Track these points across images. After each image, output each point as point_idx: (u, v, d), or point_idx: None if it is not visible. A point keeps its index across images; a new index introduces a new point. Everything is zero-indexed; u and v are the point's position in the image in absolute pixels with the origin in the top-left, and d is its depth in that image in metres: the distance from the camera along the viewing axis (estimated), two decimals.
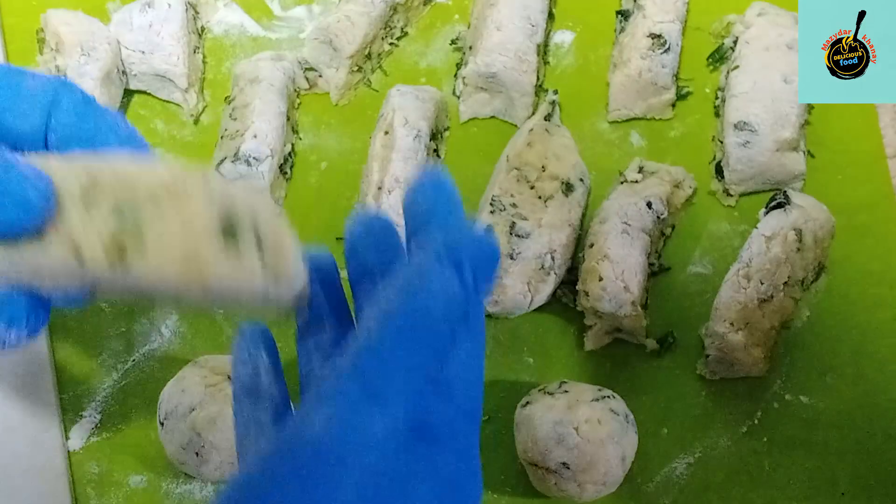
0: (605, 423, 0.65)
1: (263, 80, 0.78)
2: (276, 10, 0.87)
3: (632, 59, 0.79)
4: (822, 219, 0.73)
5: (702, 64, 0.83)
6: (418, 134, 0.75)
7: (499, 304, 0.72)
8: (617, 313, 0.70)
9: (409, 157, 0.74)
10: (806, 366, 0.73)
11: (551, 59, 0.84)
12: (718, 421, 0.72)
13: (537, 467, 0.65)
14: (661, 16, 0.79)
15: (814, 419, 0.72)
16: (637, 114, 0.81)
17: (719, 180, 0.78)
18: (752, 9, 0.80)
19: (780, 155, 0.75)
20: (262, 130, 0.75)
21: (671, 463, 0.71)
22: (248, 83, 0.78)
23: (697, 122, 0.81)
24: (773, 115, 0.74)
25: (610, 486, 0.66)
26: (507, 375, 0.74)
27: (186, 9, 0.81)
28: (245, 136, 0.75)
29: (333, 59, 0.81)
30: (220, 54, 0.86)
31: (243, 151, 0.74)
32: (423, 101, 0.77)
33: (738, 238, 0.77)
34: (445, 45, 0.86)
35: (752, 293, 0.69)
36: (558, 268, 0.73)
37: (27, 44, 0.83)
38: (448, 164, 0.81)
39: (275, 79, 0.78)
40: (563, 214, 0.73)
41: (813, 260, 0.73)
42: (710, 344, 0.71)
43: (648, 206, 0.73)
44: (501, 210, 0.73)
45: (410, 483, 0.35)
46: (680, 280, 0.76)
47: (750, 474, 0.70)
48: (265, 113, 0.76)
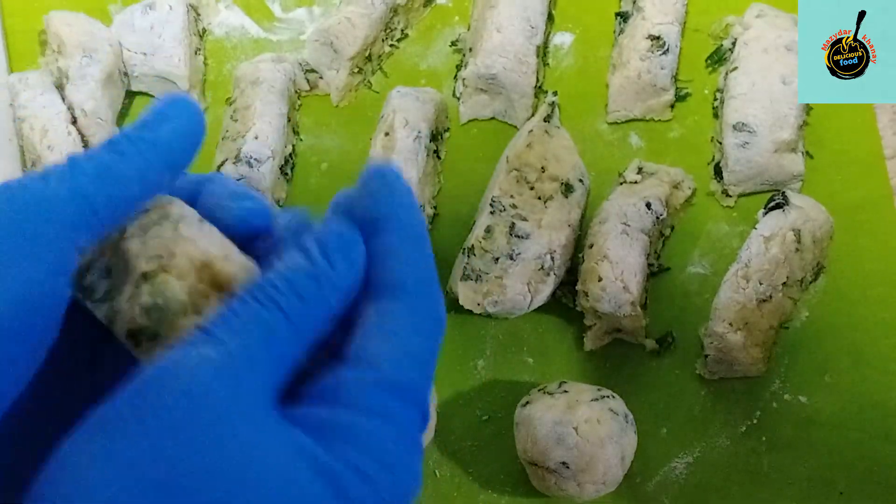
0: (604, 422, 0.65)
1: (264, 81, 0.78)
2: (276, 11, 0.88)
3: (631, 61, 0.79)
4: (820, 219, 0.73)
5: (701, 65, 0.83)
6: (418, 135, 0.75)
7: (499, 305, 0.73)
8: (616, 313, 0.70)
9: (409, 158, 0.74)
10: (805, 366, 0.73)
11: (551, 61, 0.85)
12: (717, 421, 0.72)
13: (537, 467, 0.66)
14: (660, 17, 0.79)
15: (812, 419, 0.72)
16: (636, 115, 0.81)
17: (718, 181, 0.78)
18: (750, 10, 0.80)
19: (778, 156, 0.75)
20: (263, 132, 0.75)
21: (670, 462, 0.71)
22: (248, 85, 0.78)
23: (696, 124, 0.82)
24: (772, 117, 0.75)
25: (609, 486, 0.66)
26: (507, 375, 0.74)
27: (188, 11, 0.81)
28: (246, 137, 0.75)
29: (334, 61, 0.81)
30: (221, 56, 0.86)
31: (244, 153, 0.74)
32: (424, 102, 0.77)
33: (736, 238, 0.77)
34: (445, 47, 0.86)
35: (751, 293, 0.70)
36: (558, 268, 0.73)
37: (29, 45, 0.84)
38: (448, 165, 0.81)
39: (276, 80, 0.78)
40: (563, 215, 0.74)
41: (811, 260, 0.73)
42: (709, 344, 0.71)
43: (648, 207, 0.73)
44: (501, 211, 0.73)
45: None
46: (679, 280, 0.76)
47: (749, 474, 0.71)
48: (266, 114, 0.76)
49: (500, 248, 0.72)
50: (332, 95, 0.83)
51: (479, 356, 0.75)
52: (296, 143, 0.81)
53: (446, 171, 0.81)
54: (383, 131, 0.76)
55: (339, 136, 0.82)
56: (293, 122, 0.81)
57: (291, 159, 0.80)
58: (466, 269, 0.73)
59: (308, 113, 0.83)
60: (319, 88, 0.84)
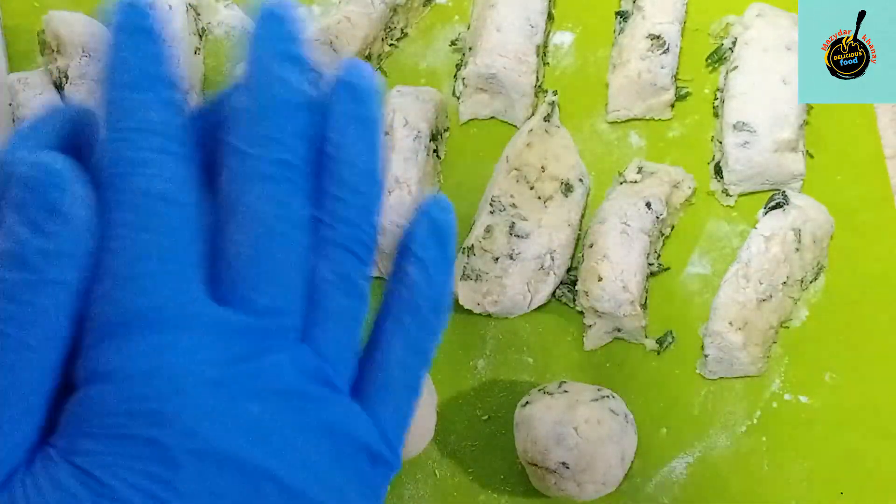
0: (604, 422, 0.65)
1: None
2: None
3: (631, 60, 0.79)
4: (820, 219, 0.73)
5: (701, 65, 0.83)
6: (418, 135, 0.75)
7: (499, 304, 0.73)
8: (616, 313, 0.70)
9: (408, 157, 0.74)
10: (805, 365, 0.73)
11: (551, 60, 0.84)
12: (717, 420, 0.72)
13: (537, 467, 0.66)
14: (660, 17, 0.79)
15: (813, 419, 0.72)
16: (636, 114, 0.81)
17: (718, 180, 0.78)
18: (750, 10, 0.80)
19: (778, 155, 0.75)
20: None
21: (670, 462, 0.71)
22: None
23: (696, 123, 0.82)
24: (772, 116, 0.75)
25: (609, 486, 0.66)
26: (507, 375, 0.74)
27: (187, 10, 0.81)
28: None
29: (334, 61, 0.81)
30: (220, 56, 0.86)
31: None
32: (423, 101, 0.77)
33: (737, 238, 0.77)
34: (445, 46, 0.86)
35: (751, 293, 0.70)
36: (558, 268, 0.73)
37: (28, 45, 0.83)
38: (448, 165, 0.81)
39: None
40: (563, 215, 0.74)
41: (812, 260, 0.73)
42: (709, 343, 0.71)
43: (648, 207, 0.73)
44: (501, 210, 0.73)
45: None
46: (679, 280, 0.76)
47: (749, 474, 0.71)
48: None
49: (500, 247, 0.72)
50: None
51: (479, 356, 0.75)
52: None
53: (446, 171, 0.81)
54: (383, 130, 0.76)
55: None
56: None
57: None
58: (466, 268, 0.73)
59: None
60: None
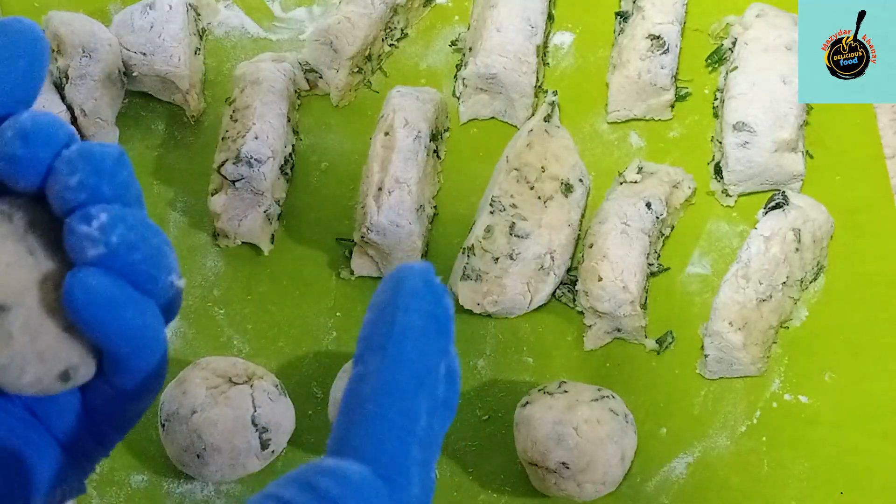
0: (604, 422, 0.65)
1: (264, 81, 0.78)
2: (276, 11, 0.88)
3: (631, 61, 0.79)
4: (820, 219, 0.73)
5: (701, 65, 0.83)
6: (418, 135, 0.75)
7: (499, 304, 0.73)
8: (616, 313, 0.70)
9: (409, 157, 0.74)
10: (805, 365, 0.73)
11: (551, 61, 0.85)
12: (717, 420, 0.72)
13: (537, 467, 0.66)
14: (660, 17, 0.79)
15: (813, 419, 0.72)
16: (636, 115, 0.81)
17: (718, 181, 0.78)
18: (750, 10, 0.80)
19: (778, 155, 0.75)
20: (263, 132, 0.75)
21: (670, 462, 0.71)
22: (248, 84, 0.78)
23: (696, 123, 0.82)
24: (772, 116, 0.75)
25: (609, 486, 0.66)
26: (506, 375, 0.74)
27: (187, 10, 0.81)
28: (246, 137, 0.75)
29: (334, 61, 0.81)
30: (220, 56, 0.86)
31: (244, 153, 0.74)
32: (424, 102, 0.77)
33: (736, 238, 0.77)
34: (445, 47, 0.86)
35: (751, 293, 0.70)
36: (557, 268, 0.73)
37: None
38: (448, 165, 0.81)
39: (275, 80, 0.78)
40: (563, 215, 0.74)
41: (811, 260, 0.73)
42: (709, 343, 0.71)
43: (648, 207, 0.73)
44: (501, 210, 0.73)
45: None
46: (679, 280, 0.76)
47: (749, 474, 0.71)
48: (266, 114, 0.76)
49: (500, 247, 0.72)
50: (332, 95, 0.83)
51: (479, 356, 0.75)
52: (296, 143, 0.81)
53: (446, 171, 0.81)
54: (383, 131, 0.76)
55: (339, 135, 0.82)
56: (293, 121, 0.81)
57: (291, 159, 0.80)
58: (466, 268, 0.73)
59: (308, 113, 0.83)
60: (319, 88, 0.84)
